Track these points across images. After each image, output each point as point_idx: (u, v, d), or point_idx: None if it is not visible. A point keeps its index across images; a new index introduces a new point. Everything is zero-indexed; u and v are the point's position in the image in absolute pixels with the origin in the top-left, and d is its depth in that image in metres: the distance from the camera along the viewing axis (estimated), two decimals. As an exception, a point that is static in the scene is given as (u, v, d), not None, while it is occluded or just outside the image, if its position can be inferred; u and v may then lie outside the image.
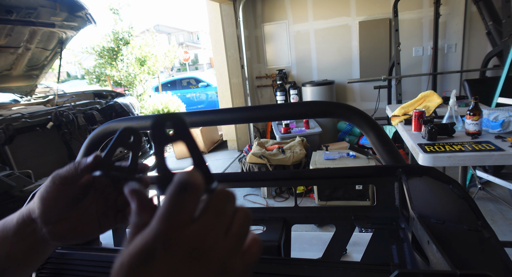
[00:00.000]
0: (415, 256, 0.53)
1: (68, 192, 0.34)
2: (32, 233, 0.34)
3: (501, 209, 2.41)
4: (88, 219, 0.36)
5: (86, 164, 0.34)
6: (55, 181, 0.33)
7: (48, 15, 2.49)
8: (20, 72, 3.04)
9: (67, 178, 0.33)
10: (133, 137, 0.35)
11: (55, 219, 0.34)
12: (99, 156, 0.34)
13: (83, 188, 0.35)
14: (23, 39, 2.62)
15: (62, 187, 0.33)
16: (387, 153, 0.72)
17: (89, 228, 0.36)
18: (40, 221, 0.33)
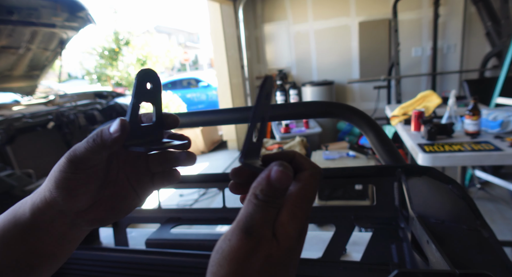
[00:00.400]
0: (415, 256, 0.54)
1: (95, 174, 0.28)
2: (61, 226, 0.28)
3: (500, 208, 2.41)
4: (122, 192, 0.31)
5: (113, 139, 0.26)
6: (76, 165, 0.26)
7: (49, 16, 2.50)
8: (21, 72, 3.05)
9: (90, 159, 0.27)
10: (151, 83, 0.29)
11: (86, 206, 0.28)
12: (126, 123, 0.27)
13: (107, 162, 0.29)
14: (24, 40, 2.62)
15: (89, 171, 0.27)
16: (387, 153, 0.73)
17: (127, 202, 0.31)
18: (69, 212, 0.28)
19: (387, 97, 3.94)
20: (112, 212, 0.30)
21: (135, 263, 0.61)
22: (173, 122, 0.31)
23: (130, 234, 0.90)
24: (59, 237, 0.29)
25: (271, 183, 0.21)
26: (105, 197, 0.30)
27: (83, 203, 0.28)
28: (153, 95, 0.29)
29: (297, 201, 0.22)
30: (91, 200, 0.29)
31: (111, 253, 0.65)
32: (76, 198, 0.27)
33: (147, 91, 0.28)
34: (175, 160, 0.31)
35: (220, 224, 0.74)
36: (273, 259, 0.20)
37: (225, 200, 0.78)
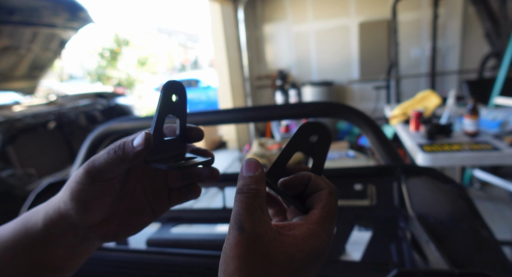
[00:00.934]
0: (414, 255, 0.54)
1: (112, 187, 0.27)
2: (73, 239, 0.27)
3: (499, 208, 2.41)
4: (138, 207, 0.29)
5: (136, 153, 0.25)
6: (94, 177, 0.25)
7: (50, 16, 2.50)
8: (22, 72, 3.05)
9: (108, 171, 0.25)
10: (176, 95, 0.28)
11: (100, 220, 0.27)
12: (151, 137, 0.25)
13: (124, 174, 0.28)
14: (25, 40, 2.63)
15: (105, 183, 0.26)
16: (386, 153, 0.73)
17: (142, 217, 0.30)
18: (82, 225, 0.27)
19: (386, 97, 3.94)
20: (126, 227, 0.29)
21: (135, 263, 0.61)
22: (197, 136, 0.30)
23: (130, 234, 0.90)
24: (70, 251, 0.28)
25: (242, 176, 0.23)
26: (120, 212, 0.29)
27: (97, 217, 0.27)
28: (178, 108, 0.28)
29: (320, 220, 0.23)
30: (106, 214, 0.28)
31: (111, 253, 0.65)
32: (90, 212, 0.26)
33: (173, 104, 0.28)
34: (196, 176, 0.30)
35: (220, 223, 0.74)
36: (271, 257, 0.20)
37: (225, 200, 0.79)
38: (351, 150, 3.03)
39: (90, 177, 0.25)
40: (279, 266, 0.21)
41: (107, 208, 0.27)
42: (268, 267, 0.20)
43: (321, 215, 0.23)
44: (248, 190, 0.22)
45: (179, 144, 0.29)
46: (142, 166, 0.30)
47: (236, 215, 0.21)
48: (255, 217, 0.21)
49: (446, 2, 3.74)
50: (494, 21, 2.91)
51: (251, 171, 0.23)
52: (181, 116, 0.29)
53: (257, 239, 0.20)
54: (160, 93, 0.27)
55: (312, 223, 0.23)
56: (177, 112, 0.28)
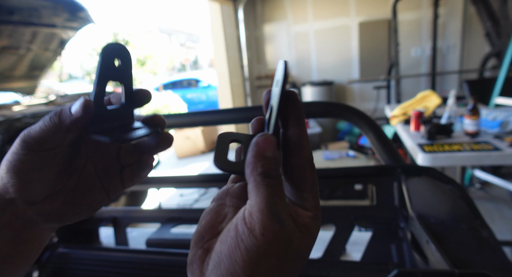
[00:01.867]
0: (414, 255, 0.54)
1: (52, 158, 0.24)
2: (14, 221, 0.24)
3: (500, 208, 2.41)
4: (87, 185, 0.27)
5: (73, 120, 0.23)
6: (29, 146, 0.23)
7: (50, 16, 2.50)
8: (22, 72, 3.05)
9: (44, 140, 0.23)
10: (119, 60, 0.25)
11: (42, 196, 0.24)
12: (90, 104, 0.23)
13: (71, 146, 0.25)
14: (25, 40, 2.63)
15: (44, 153, 0.23)
16: (386, 153, 0.73)
17: (92, 197, 0.27)
18: (21, 202, 0.24)
19: (386, 97, 3.94)
20: (73, 207, 0.26)
21: (135, 263, 0.61)
22: (145, 98, 0.27)
23: (130, 234, 0.90)
24: (13, 235, 0.24)
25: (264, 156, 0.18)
26: (66, 189, 0.26)
27: (37, 192, 0.24)
28: (122, 73, 0.26)
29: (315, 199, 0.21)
30: (48, 190, 0.25)
31: (111, 253, 0.65)
32: (28, 184, 0.23)
33: (115, 69, 0.25)
34: (147, 147, 0.27)
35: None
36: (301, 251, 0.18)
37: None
38: (351, 150, 3.03)
39: (26, 146, 0.23)
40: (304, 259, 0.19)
41: (49, 182, 0.24)
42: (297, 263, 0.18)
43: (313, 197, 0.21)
44: (277, 175, 0.18)
45: (125, 113, 0.26)
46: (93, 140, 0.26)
47: (270, 204, 0.17)
48: (287, 208, 0.18)
49: (446, 2, 3.74)
50: (494, 21, 2.91)
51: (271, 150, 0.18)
52: (125, 82, 0.26)
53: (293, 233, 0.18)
54: (99, 57, 0.24)
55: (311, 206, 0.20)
56: (120, 78, 0.26)
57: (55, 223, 0.26)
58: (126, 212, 0.84)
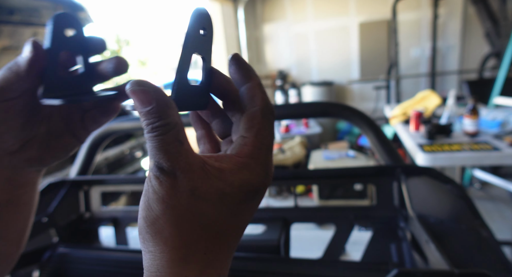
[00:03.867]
0: (414, 255, 0.54)
1: (16, 108, 0.25)
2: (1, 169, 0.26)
3: (499, 208, 2.42)
4: (57, 130, 0.28)
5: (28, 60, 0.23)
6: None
7: (50, 16, 2.50)
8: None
9: (7, 90, 0.24)
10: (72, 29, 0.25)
11: (18, 144, 0.26)
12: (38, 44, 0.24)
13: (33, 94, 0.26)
14: (25, 40, 2.63)
15: (5, 104, 0.24)
16: (386, 153, 0.73)
17: (63, 140, 0.28)
18: (1, 152, 0.26)
19: (386, 97, 3.94)
20: (49, 151, 0.28)
21: (135, 263, 0.61)
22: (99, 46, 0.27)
23: (130, 234, 0.90)
24: (6, 182, 0.27)
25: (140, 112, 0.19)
26: (39, 135, 0.27)
27: (10, 142, 0.25)
28: (77, 44, 0.25)
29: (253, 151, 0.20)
30: (20, 139, 0.26)
31: (111, 253, 0.65)
32: (2, 134, 0.25)
33: (69, 39, 0.25)
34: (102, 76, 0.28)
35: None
36: (200, 193, 0.18)
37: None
38: (351, 150, 3.03)
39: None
40: (209, 202, 0.18)
41: (20, 131, 0.26)
42: (197, 206, 0.18)
43: (253, 145, 0.20)
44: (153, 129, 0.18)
45: (84, 84, 0.26)
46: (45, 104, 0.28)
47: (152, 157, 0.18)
48: (172, 152, 0.18)
49: (446, 2, 3.74)
50: (494, 21, 2.91)
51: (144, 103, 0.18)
52: (81, 53, 0.26)
53: (182, 174, 0.18)
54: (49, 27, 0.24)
55: (243, 156, 0.20)
56: (75, 48, 0.25)
57: (38, 166, 0.28)
58: (126, 212, 0.84)
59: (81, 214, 0.85)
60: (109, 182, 0.85)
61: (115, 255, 0.64)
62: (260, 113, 0.21)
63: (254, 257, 0.55)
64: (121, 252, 0.65)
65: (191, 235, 0.18)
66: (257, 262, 0.53)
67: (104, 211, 0.86)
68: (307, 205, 0.72)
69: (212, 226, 0.18)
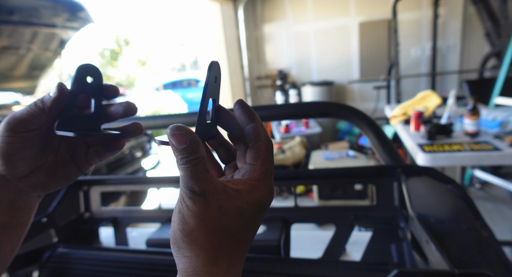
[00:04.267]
0: (414, 255, 0.54)
1: (33, 139, 0.28)
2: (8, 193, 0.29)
3: (500, 208, 2.41)
4: (63, 160, 0.32)
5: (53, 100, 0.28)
6: (13, 128, 0.27)
7: (50, 16, 2.50)
8: (22, 72, 3.05)
9: (30, 122, 0.28)
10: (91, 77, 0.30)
11: (27, 171, 0.29)
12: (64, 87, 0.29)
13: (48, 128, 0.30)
14: (25, 40, 2.63)
15: (26, 134, 0.28)
16: (386, 153, 0.73)
17: (68, 170, 0.32)
18: (11, 177, 0.28)
19: (386, 97, 3.94)
20: (54, 178, 0.31)
21: (135, 263, 0.61)
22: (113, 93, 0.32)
23: (130, 234, 0.90)
24: (9, 206, 0.29)
25: (176, 149, 0.23)
26: (47, 163, 0.31)
27: (22, 168, 0.29)
28: (94, 89, 0.30)
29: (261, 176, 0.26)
30: (31, 165, 0.29)
31: (111, 253, 0.65)
32: (14, 163, 0.28)
33: (88, 85, 0.30)
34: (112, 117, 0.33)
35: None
36: (225, 209, 0.23)
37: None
38: (351, 150, 3.03)
39: (9, 129, 0.27)
40: (232, 216, 0.23)
41: (31, 159, 0.29)
42: (223, 220, 0.23)
43: (261, 171, 0.26)
44: (187, 161, 0.23)
45: (94, 122, 0.31)
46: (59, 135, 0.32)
47: (184, 183, 0.23)
48: (202, 179, 0.23)
49: (446, 2, 3.74)
50: (494, 21, 2.91)
51: (181, 143, 0.23)
52: (96, 97, 0.31)
53: (210, 195, 0.23)
54: (74, 74, 0.29)
55: (254, 180, 0.25)
56: (92, 93, 0.30)
57: (41, 191, 0.31)
58: (126, 212, 0.84)
59: (81, 214, 0.85)
60: (109, 182, 0.84)
61: (115, 255, 0.64)
62: (264, 147, 0.26)
63: (254, 257, 0.54)
64: (121, 252, 0.65)
65: (219, 242, 0.23)
66: (257, 262, 0.53)
67: (104, 211, 0.86)
68: (307, 205, 0.72)
69: (234, 235, 0.23)
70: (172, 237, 0.23)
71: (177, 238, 0.23)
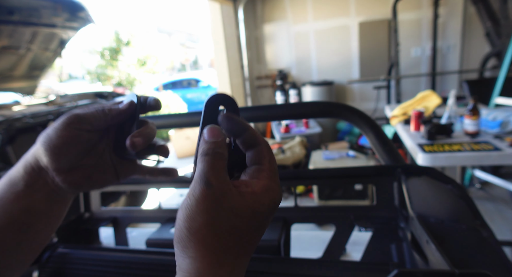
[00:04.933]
0: (414, 256, 0.54)
1: (83, 138, 0.30)
2: (45, 184, 0.30)
3: (500, 208, 2.41)
4: (103, 166, 0.33)
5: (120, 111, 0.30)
6: (71, 123, 0.29)
7: (50, 16, 2.50)
8: (22, 72, 3.05)
9: (90, 123, 0.29)
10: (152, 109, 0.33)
11: (67, 167, 0.30)
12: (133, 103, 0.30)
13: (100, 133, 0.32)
14: (25, 40, 2.63)
15: (79, 132, 0.29)
16: (387, 153, 0.73)
17: (106, 176, 0.33)
18: (51, 169, 0.29)
19: (386, 97, 3.94)
20: (89, 181, 0.32)
21: (135, 263, 0.61)
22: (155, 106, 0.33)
23: (130, 234, 0.90)
24: (47, 196, 0.30)
25: (206, 141, 0.24)
26: (86, 166, 0.32)
27: (64, 164, 0.29)
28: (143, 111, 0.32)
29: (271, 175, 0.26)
30: (73, 164, 0.30)
31: (111, 253, 0.65)
32: (59, 157, 0.29)
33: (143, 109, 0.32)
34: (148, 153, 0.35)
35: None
36: (237, 211, 0.22)
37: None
38: (351, 150, 3.03)
39: (67, 123, 0.29)
40: (244, 219, 0.23)
41: (75, 158, 0.30)
42: (234, 221, 0.22)
43: (270, 170, 0.26)
44: (214, 152, 0.23)
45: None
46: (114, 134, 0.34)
47: (201, 173, 0.23)
48: (221, 175, 0.23)
49: (446, 2, 3.73)
50: (494, 21, 2.91)
51: (214, 137, 0.24)
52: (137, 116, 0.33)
53: (224, 194, 0.22)
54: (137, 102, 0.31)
55: (266, 178, 0.25)
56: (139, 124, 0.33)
57: (74, 190, 0.32)
58: (126, 212, 0.84)
59: (81, 214, 0.85)
60: (109, 182, 0.84)
61: (115, 255, 0.64)
62: (266, 148, 0.27)
63: (254, 257, 0.54)
64: (121, 252, 0.65)
65: (227, 243, 0.22)
66: (257, 262, 0.53)
67: (103, 211, 0.86)
68: (307, 205, 0.72)
69: (243, 237, 0.23)
70: (177, 235, 0.22)
71: (182, 237, 0.22)
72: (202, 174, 0.23)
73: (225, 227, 0.22)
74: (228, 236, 0.22)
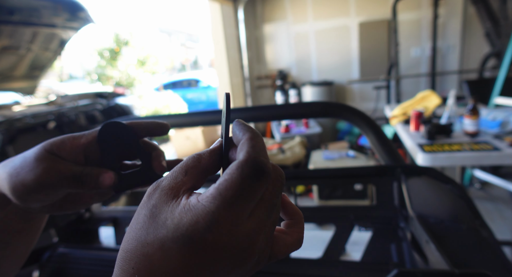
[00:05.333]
0: (414, 255, 0.54)
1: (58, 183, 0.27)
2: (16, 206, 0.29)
3: (499, 208, 2.41)
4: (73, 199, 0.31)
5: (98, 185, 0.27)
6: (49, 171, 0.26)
7: (50, 16, 2.50)
8: (22, 72, 3.05)
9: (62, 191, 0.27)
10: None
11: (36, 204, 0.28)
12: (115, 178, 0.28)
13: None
14: (25, 40, 2.63)
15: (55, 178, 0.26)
16: (386, 153, 0.73)
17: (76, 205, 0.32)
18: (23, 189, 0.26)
19: (386, 97, 3.94)
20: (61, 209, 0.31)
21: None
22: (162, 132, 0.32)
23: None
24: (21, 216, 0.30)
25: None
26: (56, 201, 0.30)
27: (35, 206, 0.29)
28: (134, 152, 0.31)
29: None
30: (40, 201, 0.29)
31: (111, 253, 0.65)
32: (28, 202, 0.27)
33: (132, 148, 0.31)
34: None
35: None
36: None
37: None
38: (351, 150, 3.03)
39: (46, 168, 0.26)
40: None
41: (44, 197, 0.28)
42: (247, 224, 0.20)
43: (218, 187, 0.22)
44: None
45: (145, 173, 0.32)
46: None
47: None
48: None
49: (446, 2, 3.74)
50: (494, 21, 2.91)
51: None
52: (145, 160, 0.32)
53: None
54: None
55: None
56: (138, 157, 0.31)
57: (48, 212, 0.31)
58: (126, 212, 0.84)
59: (81, 214, 0.85)
60: (109, 182, 0.84)
61: (115, 255, 0.64)
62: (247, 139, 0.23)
63: (254, 257, 0.54)
64: (121, 252, 0.65)
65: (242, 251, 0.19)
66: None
67: (104, 211, 0.86)
68: (307, 205, 0.72)
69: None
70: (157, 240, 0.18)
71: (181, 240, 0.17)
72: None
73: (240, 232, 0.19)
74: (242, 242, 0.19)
